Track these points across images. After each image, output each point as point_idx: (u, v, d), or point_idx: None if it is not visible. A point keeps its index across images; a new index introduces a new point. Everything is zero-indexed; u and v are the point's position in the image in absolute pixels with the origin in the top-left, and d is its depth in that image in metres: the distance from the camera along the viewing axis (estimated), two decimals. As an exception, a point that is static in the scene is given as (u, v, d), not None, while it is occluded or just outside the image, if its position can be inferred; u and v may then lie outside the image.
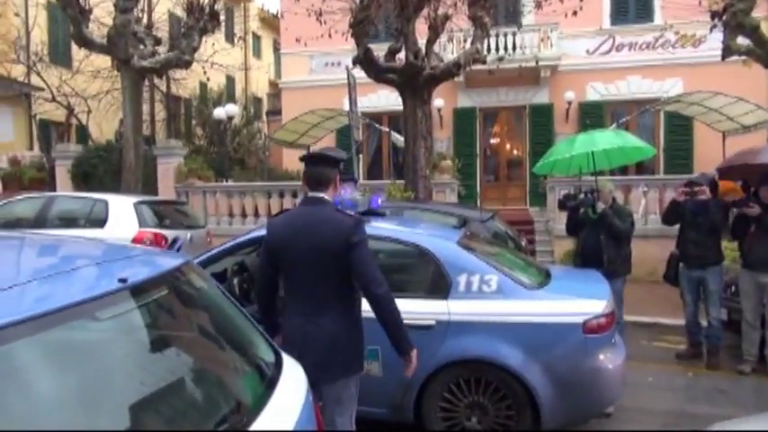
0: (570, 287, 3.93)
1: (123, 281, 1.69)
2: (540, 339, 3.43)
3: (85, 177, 12.34)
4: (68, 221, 7.63)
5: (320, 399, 2.73)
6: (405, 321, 3.50)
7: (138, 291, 1.77)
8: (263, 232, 4.23)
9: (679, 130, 14.57)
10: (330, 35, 9.26)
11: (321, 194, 2.77)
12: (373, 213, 4.45)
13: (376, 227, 4.04)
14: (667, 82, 14.65)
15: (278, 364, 2.20)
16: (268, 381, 2.06)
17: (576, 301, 3.56)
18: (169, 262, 2.13)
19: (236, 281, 4.26)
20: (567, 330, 3.42)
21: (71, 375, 1.49)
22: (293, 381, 2.17)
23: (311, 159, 2.89)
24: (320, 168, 2.79)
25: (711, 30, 9.55)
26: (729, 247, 6.47)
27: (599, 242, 5.38)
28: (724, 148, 12.48)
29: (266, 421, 1.79)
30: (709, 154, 13.41)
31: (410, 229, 4.10)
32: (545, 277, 3.96)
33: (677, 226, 5.81)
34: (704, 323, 5.70)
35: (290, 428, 1.88)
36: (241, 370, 2.12)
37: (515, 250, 6.08)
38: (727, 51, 9.32)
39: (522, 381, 3.40)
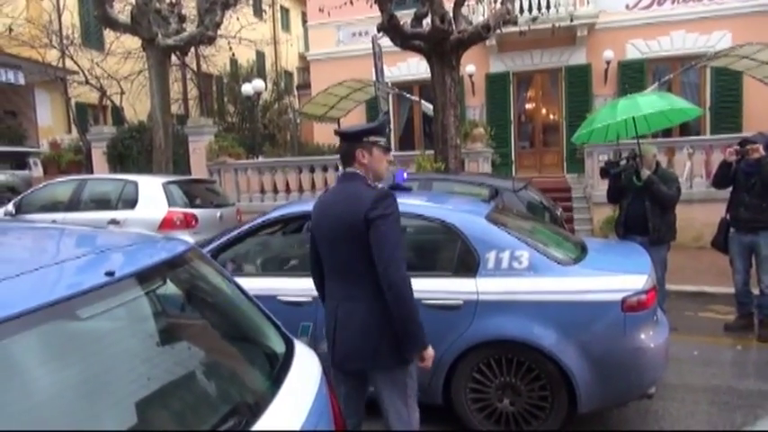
0: (608, 262, 3.68)
1: (110, 274, 1.57)
2: (575, 318, 3.22)
3: (120, 158, 12.52)
4: (101, 203, 7.72)
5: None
6: (432, 301, 3.42)
7: (129, 283, 1.66)
8: (275, 214, 4.15)
9: (727, 86, 13.73)
10: (352, 2, 8.96)
11: (352, 169, 2.60)
12: (398, 188, 4.28)
13: (400, 203, 3.88)
14: (714, 35, 13.76)
15: (288, 354, 2.08)
16: (277, 372, 1.94)
17: (614, 277, 3.33)
18: (171, 250, 2.02)
19: None
20: (604, 308, 3.20)
21: (65, 373, 1.41)
22: (305, 371, 2.04)
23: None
24: (342, 144, 2.66)
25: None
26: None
27: (643, 210, 5.13)
28: (777, 104, 11.71)
29: (273, 416, 1.67)
30: (760, 111, 12.66)
31: (436, 204, 3.91)
32: (581, 251, 3.72)
33: (728, 190, 5.44)
34: (756, 292, 5.37)
35: (300, 422, 1.75)
36: (248, 361, 2.01)
37: (550, 222, 5.84)
38: (782, -2, 8.60)
39: (556, 362, 3.21)
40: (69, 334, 1.47)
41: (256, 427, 1.60)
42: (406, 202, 3.87)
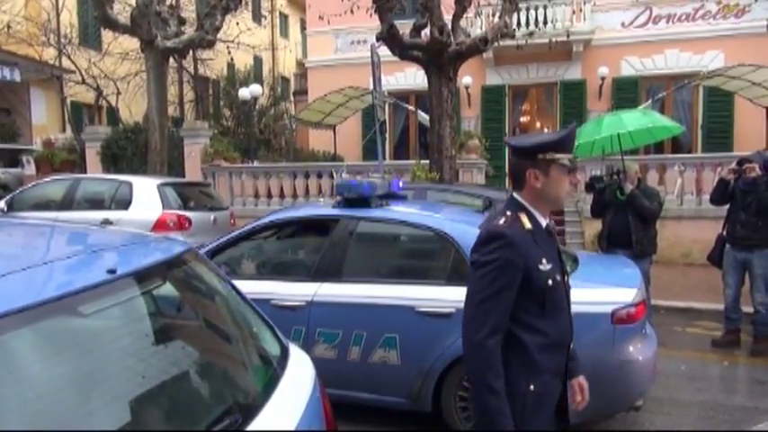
0: (598, 274, 3.74)
1: (112, 272, 1.60)
2: (565, 329, 3.26)
3: (114, 159, 12.46)
4: (94, 203, 7.70)
5: None
6: (424, 309, 3.46)
7: (129, 282, 1.68)
8: (270, 219, 4.18)
9: (719, 105, 13.92)
10: (352, 11, 9.03)
11: (516, 195, 2.02)
12: (393, 197, 4.32)
13: (394, 211, 3.92)
14: (707, 55, 13.97)
15: (283, 358, 2.10)
16: (272, 374, 1.97)
17: (605, 290, 3.38)
18: (169, 250, 2.04)
19: None
20: (594, 320, 3.24)
21: (59, 371, 1.42)
22: (299, 375, 2.07)
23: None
24: (513, 158, 2.10)
25: (756, -2, 9.01)
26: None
27: (626, 224, 5.29)
28: (767, 124, 11.87)
29: (267, 418, 1.69)
30: (750, 130, 12.84)
31: (430, 213, 3.95)
32: (572, 263, 3.77)
33: (720, 208, 5.56)
34: (745, 309, 5.44)
35: (293, 425, 1.78)
36: (243, 363, 2.03)
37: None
38: (774, 21, 8.77)
39: (545, 372, 3.24)
40: (71, 330, 1.49)
41: (250, 428, 1.62)
42: (402, 211, 3.92)
